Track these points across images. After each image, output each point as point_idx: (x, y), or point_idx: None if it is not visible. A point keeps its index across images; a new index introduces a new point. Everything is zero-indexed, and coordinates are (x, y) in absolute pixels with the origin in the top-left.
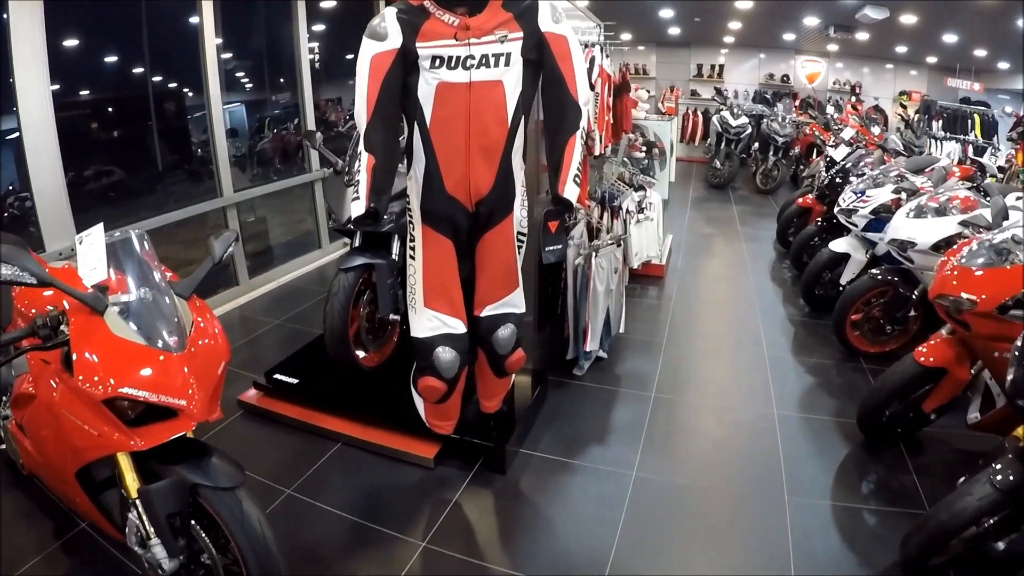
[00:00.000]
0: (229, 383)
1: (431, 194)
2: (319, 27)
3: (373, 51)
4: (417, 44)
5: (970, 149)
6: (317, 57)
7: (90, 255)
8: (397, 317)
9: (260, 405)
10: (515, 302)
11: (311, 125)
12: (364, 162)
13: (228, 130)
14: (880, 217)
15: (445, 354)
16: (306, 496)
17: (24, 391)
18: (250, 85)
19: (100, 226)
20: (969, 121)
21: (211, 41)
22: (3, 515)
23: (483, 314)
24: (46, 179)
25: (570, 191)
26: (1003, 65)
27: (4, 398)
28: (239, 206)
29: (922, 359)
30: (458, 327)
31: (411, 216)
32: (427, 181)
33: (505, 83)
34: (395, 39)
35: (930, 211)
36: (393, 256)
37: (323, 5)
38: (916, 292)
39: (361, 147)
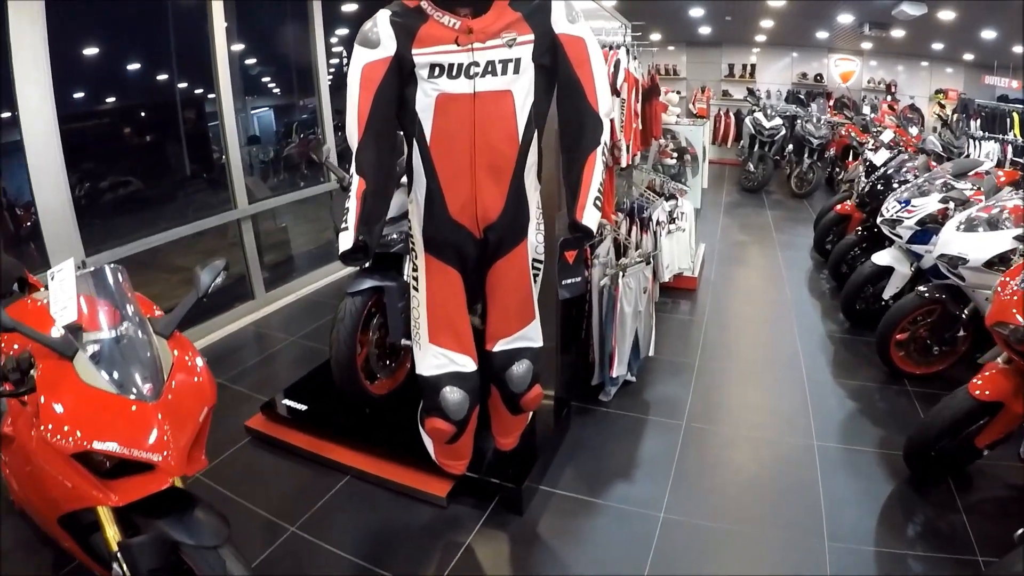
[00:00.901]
0: (237, 406)
1: (433, 220)
2: (343, 31)
3: (364, 60)
4: (413, 51)
5: (1009, 149)
6: (343, 61)
7: (61, 293)
8: (409, 342)
9: (267, 432)
10: (531, 335)
11: (329, 132)
12: (354, 187)
13: (250, 136)
14: (926, 228)
15: (453, 395)
16: (310, 535)
17: (5, 431)
18: (278, 90)
19: (71, 262)
20: (1008, 120)
21: (222, 46)
22: (2, 545)
23: (496, 349)
24: (50, 194)
25: (590, 216)
26: None
27: None
28: (260, 214)
29: (977, 392)
30: (467, 365)
31: (412, 243)
32: (429, 205)
33: (515, 93)
34: (388, 46)
35: (982, 223)
36: (404, 277)
37: (345, 8)
38: (966, 311)
39: (352, 169)
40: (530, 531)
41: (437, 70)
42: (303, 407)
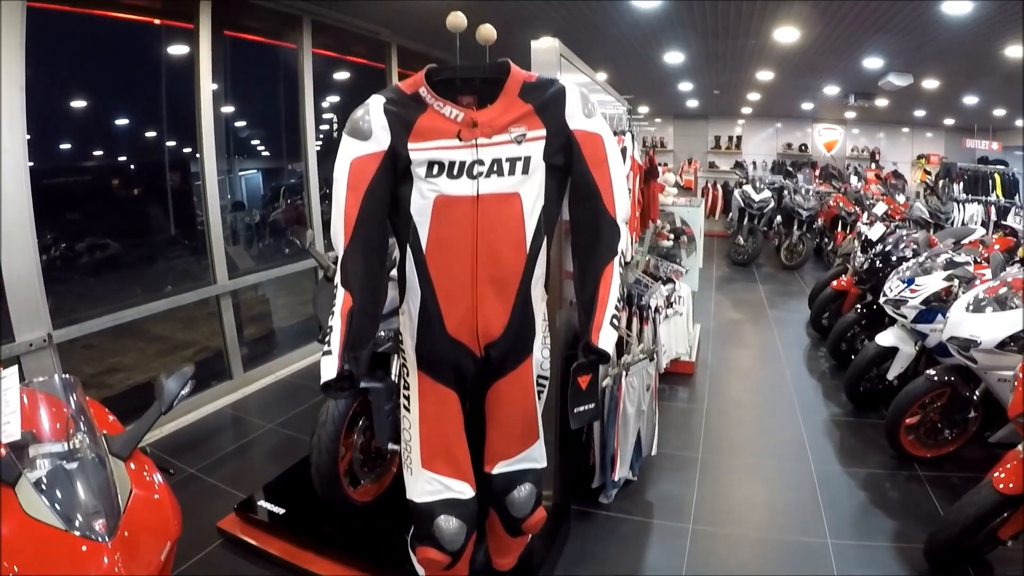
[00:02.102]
0: (210, 501)
1: (429, 336)
2: (334, 97)
3: (353, 154)
4: (410, 145)
5: (992, 210)
6: (333, 127)
7: (4, 406)
8: (396, 447)
9: (241, 536)
10: (534, 456)
11: (315, 199)
12: (339, 303)
13: (236, 202)
14: (931, 307)
15: (448, 524)
16: None
17: None
18: (266, 152)
19: (14, 371)
20: (990, 181)
21: (208, 108)
22: None
23: (496, 471)
24: (18, 261)
25: (606, 338)
26: (1020, 123)
27: None
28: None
29: (1001, 486)
30: (464, 491)
31: (404, 358)
32: (424, 320)
33: (523, 196)
34: (381, 138)
35: (991, 303)
36: (392, 377)
37: (336, 76)
38: (977, 392)
39: (337, 280)
40: None
41: (436, 168)
42: (281, 510)
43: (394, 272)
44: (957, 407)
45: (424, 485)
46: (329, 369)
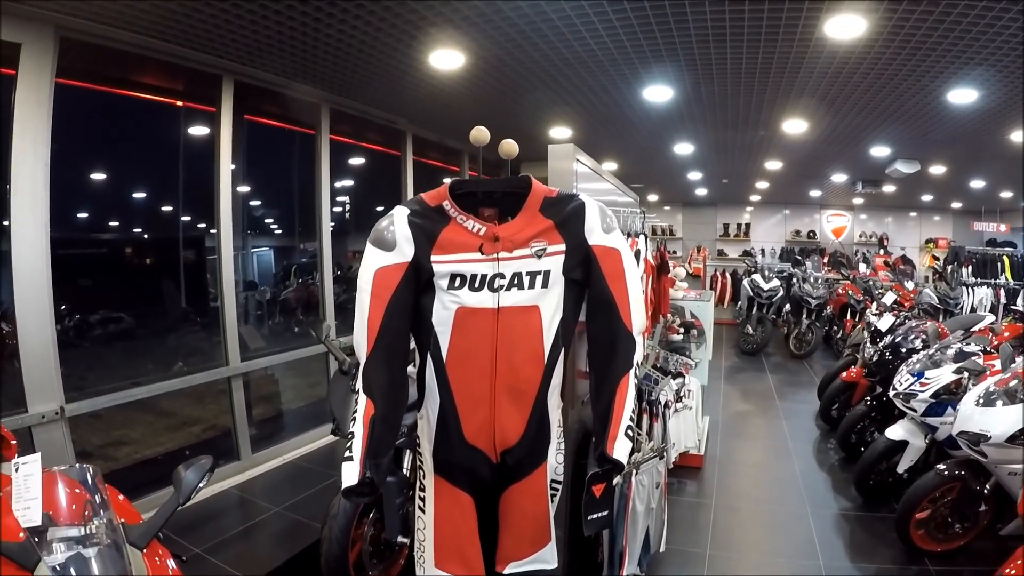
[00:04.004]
0: None
1: (446, 441)
2: (347, 182)
3: (377, 264)
4: (433, 257)
5: (1002, 293)
6: (347, 209)
7: (25, 491)
8: (406, 541)
9: None
10: (546, 558)
11: (328, 284)
12: (360, 410)
13: (248, 282)
14: (940, 400)
15: None
16: None
17: None
18: (279, 230)
19: (37, 457)
20: (999, 264)
21: (227, 192)
22: None
23: (507, 572)
24: (34, 333)
25: (621, 449)
26: None
27: None
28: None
29: None
30: None
31: (420, 460)
32: (442, 426)
33: (542, 309)
34: (406, 250)
35: (1000, 396)
36: (403, 471)
37: (352, 161)
38: (988, 485)
39: (359, 385)
40: None
41: (458, 280)
42: None
43: (410, 369)
44: (968, 501)
45: None
46: (351, 475)
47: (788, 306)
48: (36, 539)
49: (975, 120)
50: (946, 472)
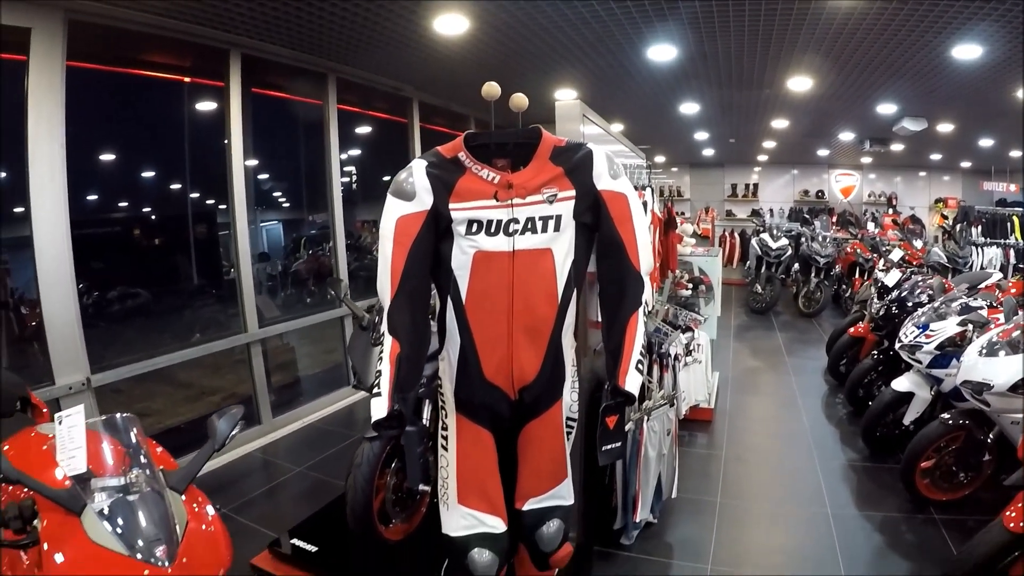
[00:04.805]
0: (242, 540)
1: (467, 380)
2: (355, 151)
3: (399, 212)
4: (451, 205)
5: (1012, 253)
6: (354, 179)
7: (69, 441)
8: (427, 488)
9: (274, 572)
10: (563, 494)
11: (341, 251)
12: (387, 349)
13: (260, 253)
14: (945, 352)
15: (482, 557)
16: None
17: None
18: (288, 203)
19: (81, 409)
20: (1008, 224)
21: (239, 166)
22: None
23: (526, 508)
24: (59, 308)
25: (632, 382)
26: None
27: None
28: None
29: (1012, 525)
30: (497, 526)
31: (443, 402)
32: (462, 365)
33: (555, 251)
34: (425, 199)
35: (1003, 347)
36: (424, 421)
37: (359, 131)
38: (992, 435)
39: (384, 328)
40: None
41: (475, 226)
42: (313, 548)
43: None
44: (972, 450)
45: (459, 520)
46: (380, 409)
47: (797, 265)
48: (81, 486)
49: (980, 77)
50: (950, 421)
